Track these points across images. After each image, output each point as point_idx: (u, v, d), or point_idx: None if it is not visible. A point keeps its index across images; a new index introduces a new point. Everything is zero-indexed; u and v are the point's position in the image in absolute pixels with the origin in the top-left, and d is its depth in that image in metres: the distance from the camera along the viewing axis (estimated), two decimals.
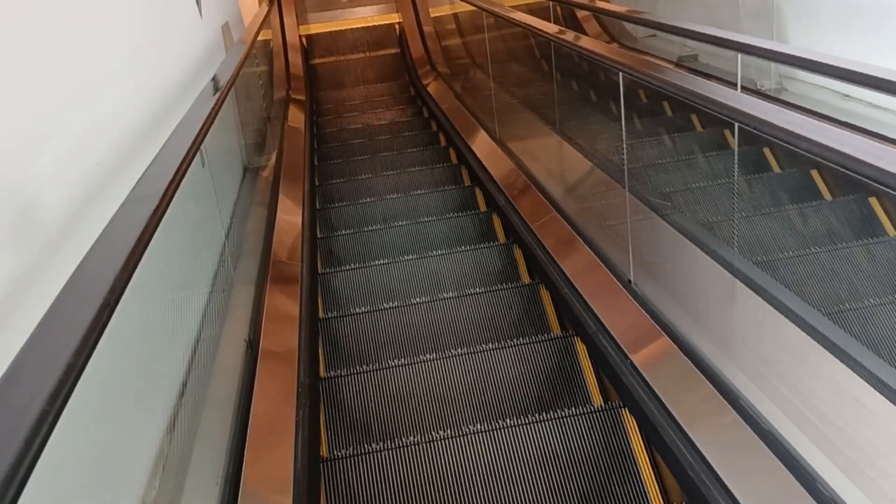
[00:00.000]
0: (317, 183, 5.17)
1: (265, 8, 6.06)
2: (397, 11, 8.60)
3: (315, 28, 8.48)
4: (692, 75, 2.40)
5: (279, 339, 2.58)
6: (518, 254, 3.78)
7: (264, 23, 5.57)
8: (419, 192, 4.86)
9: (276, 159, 4.99)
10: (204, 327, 2.47)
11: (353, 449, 2.47)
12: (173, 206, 1.81)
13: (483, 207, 4.57)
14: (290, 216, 4.17)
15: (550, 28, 4.12)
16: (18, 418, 0.87)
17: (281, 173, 4.75)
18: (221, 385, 2.28)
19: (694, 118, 4.98)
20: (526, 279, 3.64)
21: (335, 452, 2.49)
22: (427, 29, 7.83)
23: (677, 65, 6.15)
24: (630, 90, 4.80)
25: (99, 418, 1.52)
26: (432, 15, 8.26)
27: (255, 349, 2.57)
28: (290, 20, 8.15)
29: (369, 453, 2.44)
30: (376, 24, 8.51)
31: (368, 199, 4.85)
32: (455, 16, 7.74)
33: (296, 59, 7.43)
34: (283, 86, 6.81)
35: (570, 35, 3.91)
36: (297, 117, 6.05)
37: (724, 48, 3.60)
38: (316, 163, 5.62)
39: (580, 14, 7.44)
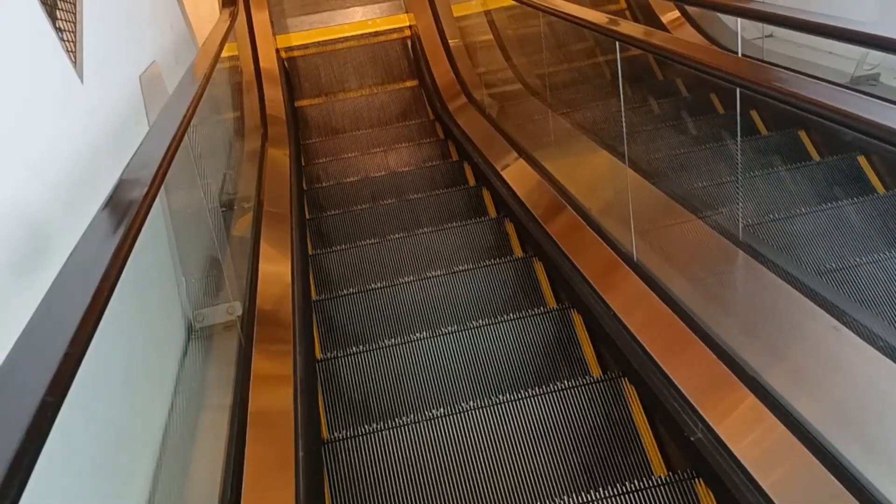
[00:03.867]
0: (318, 355, 3.05)
1: (224, 27, 3.90)
2: (408, 11, 6.43)
3: (298, 38, 6.30)
4: None
5: None
6: None
7: (218, 55, 3.44)
8: None
9: (247, 298, 2.89)
10: None
11: (353, 430, 2.45)
12: None
13: None
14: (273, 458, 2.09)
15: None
16: None
17: (254, 335, 2.66)
18: None
19: None
20: None
21: (335, 434, 2.47)
22: (454, 42, 5.65)
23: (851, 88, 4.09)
24: None
25: None
26: (456, 15, 6.10)
27: None
28: (262, 30, 5.96)
29: (370, 433, 2.42)
30: (380, 29, 6.35)
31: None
32: (489, 19, 5.60)
33: (274, 93, 5.25)
34: (256, 133, 4.68)
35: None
36: (278, 196, 3.93)
37: None
38: (314, 293, 3.50)
39: (666, 17, 5.29)
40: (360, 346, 2.98)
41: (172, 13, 4.21)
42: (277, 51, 6.20)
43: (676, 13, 5.20)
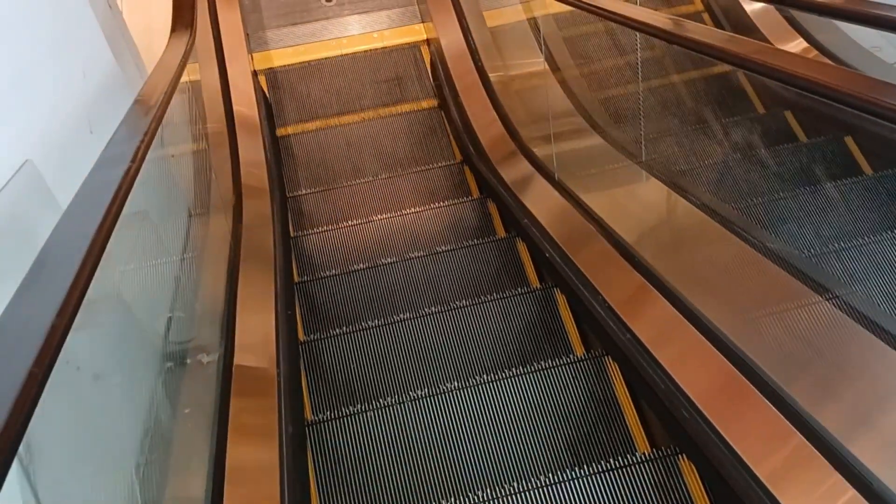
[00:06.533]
0: None
1: (168, 72, 2.42)
2: (423, 21, 4.94)
3: (280, 57, 4.81)
4: None
5: None
6: None
7: (152, 135, 1.97)
8: None
9: None
10: None
11: (337, 411, 2.43)
12: None
13: None
14: None
15: None
16: None
17: None
18: None
19: None
20: None
21: (318, 415, 2.46)
22: (495, 78, 4.10)
23: None
24: None
25: None
26: (490, 25, 4.63)
27: None
28: (235, 51, 4.44)
29: (353, 414, 2.41)
30: (388, 45, 4.86)
31: None
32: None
33: (252, 152, 3.62)
34: (225, 212, 3.20)
35: None
36: (260, 339, 2.49)
37: None
38: None
39: (794, 44, 3.81)
40: None
41: (89, 50, 2.72)
42: (255, 73, 4.71)
43: (802, 43, 3.73)
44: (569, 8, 3.22)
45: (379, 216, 3.68)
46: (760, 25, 3.79)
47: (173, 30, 2.74)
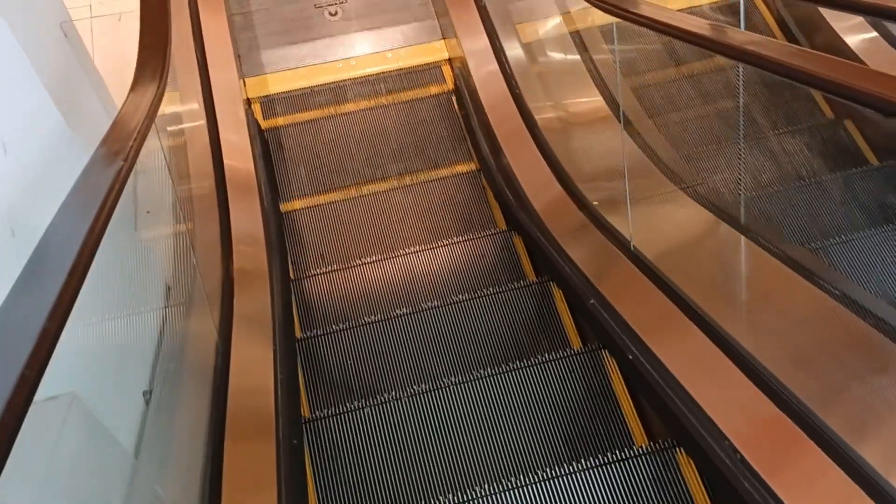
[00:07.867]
0: None
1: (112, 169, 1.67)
2: (445, 37, 4.19)
3: (278, 83, 4.06)
4: None
5: None
6: None
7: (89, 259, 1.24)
8: None
9: None
10: None
11: (335, 408, 2.40)
12: None
13: None
14: None
15: None
16: None
17: None
18: None
19: None
20: None
21: (316, 412, 2.42)
22: (540, 117, 3.29)
23: None
24: None
25: None
26: (526, 40, 3.90)
27: None
28: (222, 74, 3.69)
29: (352, 411, 2.38)
30: (405, 66, 4.11)
31: None
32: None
33: (248, 222, 2.70)
34: (207, 306, 2.46)
35: None
36: None
37: None
38: None
39: None
40: None
41: (15, 109, 1.99)
42: (248, 102, 3.97)
43: None
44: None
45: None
46: (868, 59, 3.07)
47: (134, 85, 1.99)
